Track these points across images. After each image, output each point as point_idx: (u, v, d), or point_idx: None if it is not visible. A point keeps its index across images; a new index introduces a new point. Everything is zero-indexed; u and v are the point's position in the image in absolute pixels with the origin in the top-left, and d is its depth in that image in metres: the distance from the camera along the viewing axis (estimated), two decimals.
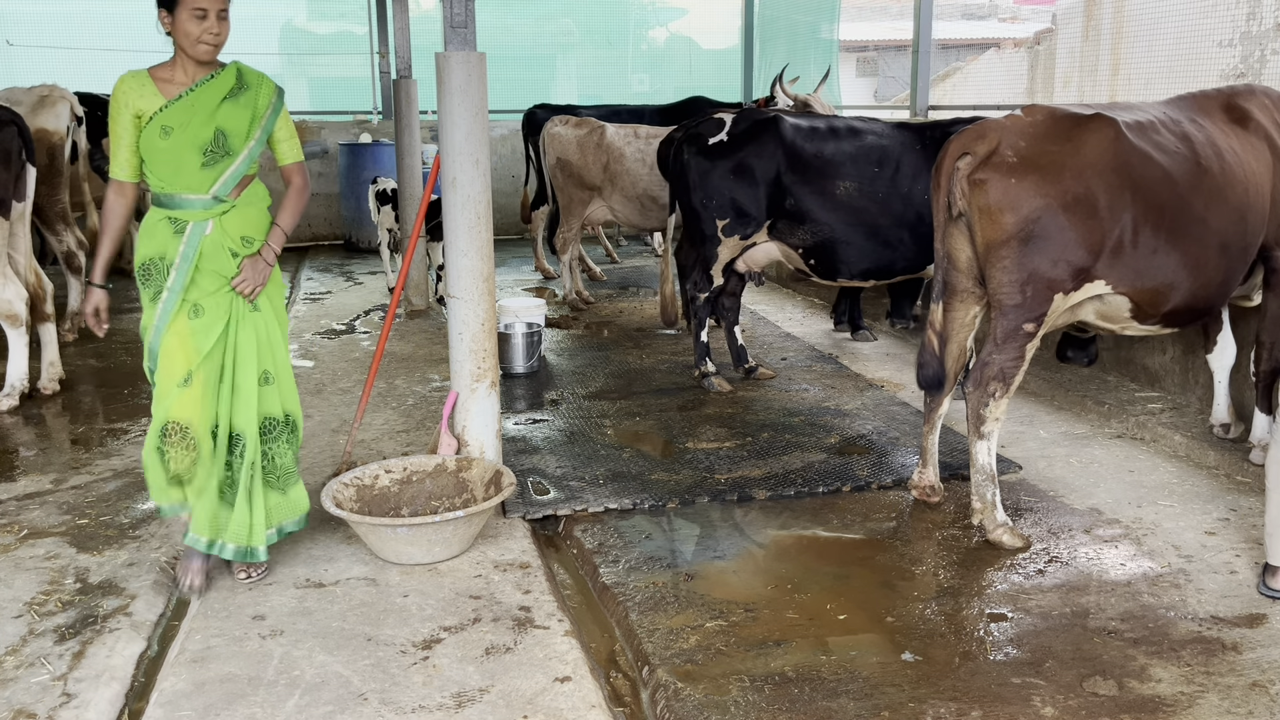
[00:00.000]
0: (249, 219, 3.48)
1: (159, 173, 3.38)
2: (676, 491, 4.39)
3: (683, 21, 15.17)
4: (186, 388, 3.41)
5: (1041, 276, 3.74)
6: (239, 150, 3.40)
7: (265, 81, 3.50)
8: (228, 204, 3.42)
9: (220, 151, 3.37)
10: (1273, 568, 3.47)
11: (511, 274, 9.73)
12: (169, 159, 3.34)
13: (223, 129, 3.37)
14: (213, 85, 3.39)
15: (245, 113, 3.41)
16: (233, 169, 3.40)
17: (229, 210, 3.42)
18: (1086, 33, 10.79)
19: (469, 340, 4.23)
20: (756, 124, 5.64)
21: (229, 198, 3.42)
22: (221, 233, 3.41)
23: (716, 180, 5.63)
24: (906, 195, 5.43)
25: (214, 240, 3.40)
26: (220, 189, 3.39)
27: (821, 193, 5.48)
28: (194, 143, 3.33)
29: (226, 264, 3.43)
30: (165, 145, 3.33)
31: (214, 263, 3.41)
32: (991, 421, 3.89)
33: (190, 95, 3.35)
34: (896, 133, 5.62)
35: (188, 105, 3.34)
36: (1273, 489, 3.43)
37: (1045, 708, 2.87)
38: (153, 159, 3.37)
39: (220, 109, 3.37)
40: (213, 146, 3.35)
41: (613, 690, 3.11)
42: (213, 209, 3.40)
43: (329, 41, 13.36)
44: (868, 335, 7.06)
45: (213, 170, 3.37)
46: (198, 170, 3.36)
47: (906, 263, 5.58)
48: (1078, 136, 3.77)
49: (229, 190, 3.42)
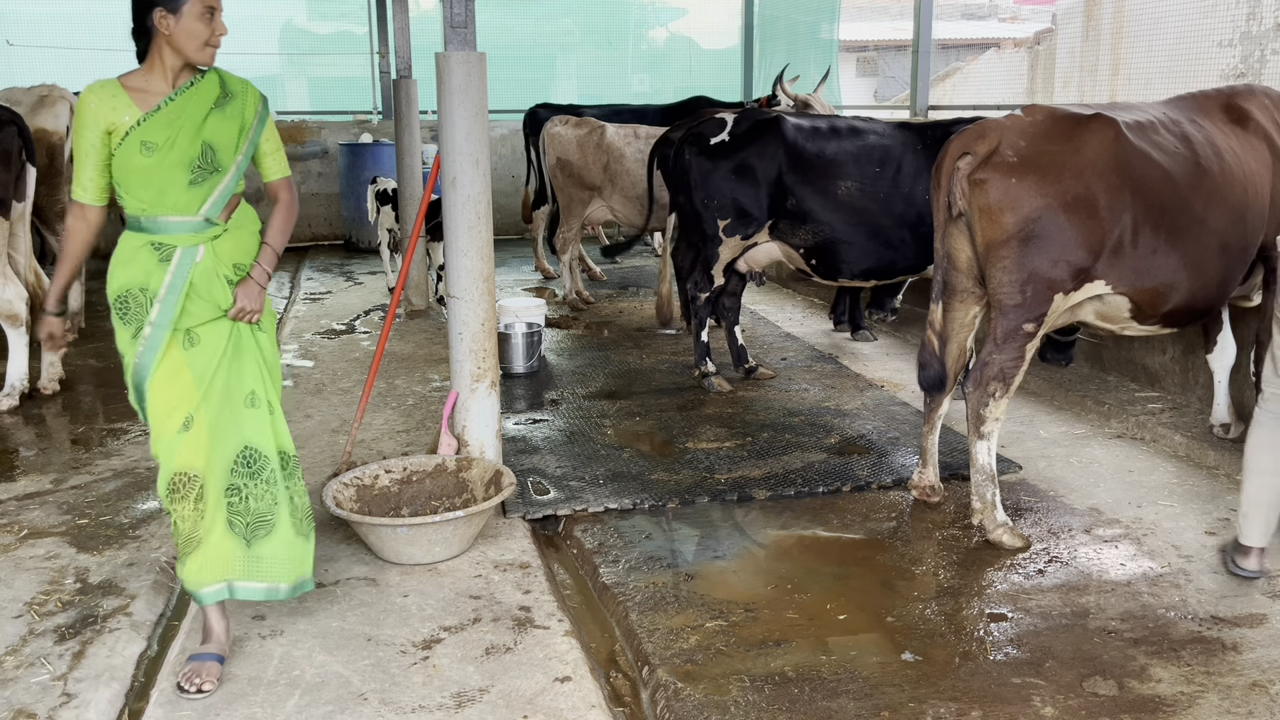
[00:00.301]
0: (242, 243, 3.12)
1: (139, 194, 2.98)
2: (676, 491, 4.39)
3: (683, 21, 15.17)
4: (187, 432, 3.03)
5: (1041, 276, 3.74)
6: (228, 165, 3.04)
7: (249, 89, 3.14)
8: (220, 227, 3.06)
9: (209, 168, 3.01)
10: (1244, 547, 3.58)
11: (511, 274, 9.73)
12: (151, 179, 2.96)
13: (210, 143, 3.00)
14: (196, 93, 3.00)
15: (233, 124, 3.05)
16: (222, 186, 3.04)
17: (221, 234, 3.06)
18: (1086, 33, 10.79)
19: (469, 340, 4.23)
20: (758, 124, 5.63)
21: (220, 220, 3.06)
22: (214, 259, 3.03)
23: (718, 180, 5.62)
24: (908, 195, 5.43)
25: (206, 268, 3.02)
26: (210, 209, 3.03)
27: (823, 193, 5.47)
28: (181, 159, 2.96)
29: (221, 293, 3.06)
30: (147, 164, 2.94)
31: (206, 292, 3.04)
32: (991, 421, 3.89)
33: (172, 105, 2.97)
34: (898, 133, 5.61)
35: (171, 117, 2.96)
36: (1250, 472, 3.55)
37: (1045, 708, 2.87)
38: (130, 179, 2.97)
39: (208, 121, 3.00)
40: (200, 162, 2.99)
41: (613, 690, 3.11)
42: (204, 232, 3.03)
43: (329, 41, 13.36)
44: (867, 335, 7.06)
45: (201, 189, 3.00)
46: (184, 189, 2.98)
47: (908, 263, 5.58)
48: (1078, 136, 3.77)
49: (219, 210, 3.05)
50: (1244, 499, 3.59)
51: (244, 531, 3.11)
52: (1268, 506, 3.54)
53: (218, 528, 3.07)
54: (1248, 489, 3.58)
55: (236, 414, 3.10)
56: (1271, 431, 3.54)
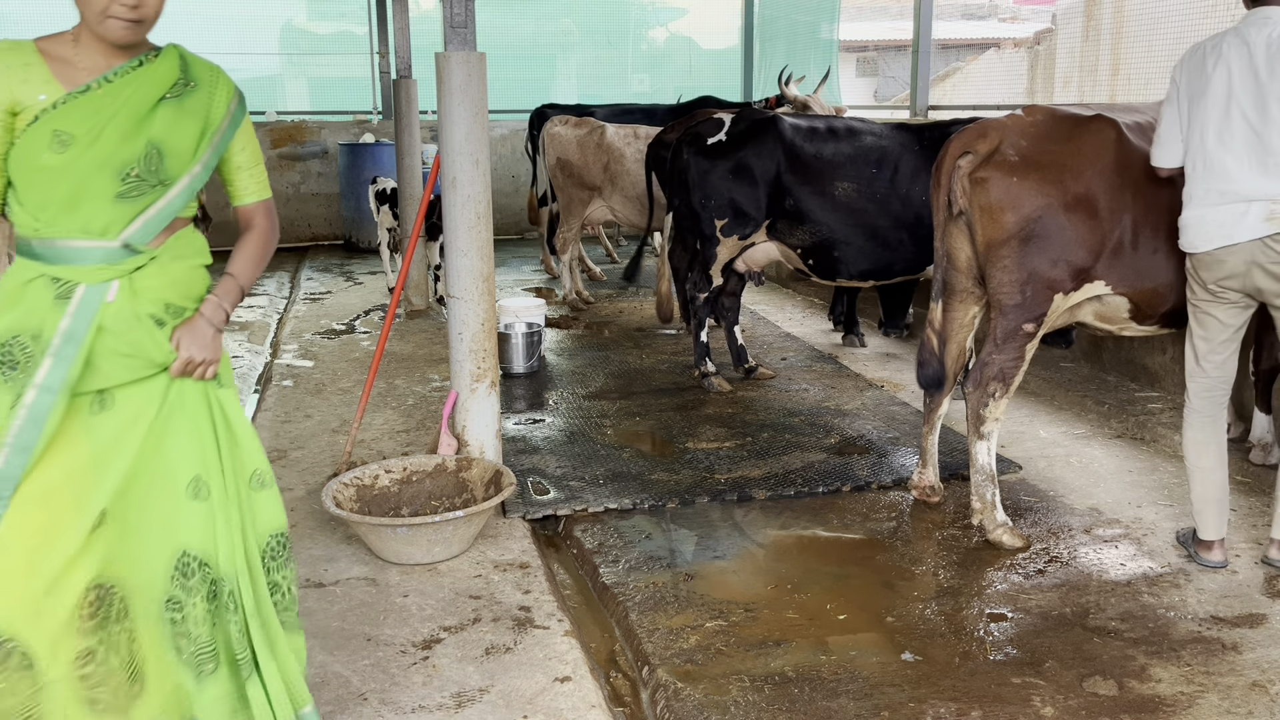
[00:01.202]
0: (176, 278, 2.28)
1: (38, 204, 2.17)
2: (676, 491, 4.39)
3: (683, 21, 15.17)
4: (97, 530, 2.16)
5: (1041, 276, 3.74)
6: (177, 177, 2.25)
7: (221, 78, 2.35)
8: (143, 255, 2.23)
9: (150, 178, 2.22)
10: (1206, 542, 3.68)
11: (511, 274, 9.73)
12: (60, 184, 2.16)
13: (158, 144, 2.22)
14: (143, 75, 2.22)
15: (193, 122, 2.27)
16: (162, 204, 2.24)
17: (145, 264, 2.23)
18: (1086, 33, 10.80)
19: (469, 340, 4.23)
20: (756, 124, 5.64)
21: (146, 246, 2.23)
22: (132, 298, 2.21)
23: (715, 180, 5.63)
24: (905, 196, 5.43)
25: (120, 310, 2.19)
26: (137, 234, 2.21)
27: (821, 193, 5.48)
28: (108, 161, 2.17)
29: (151, 342, 2.23)
30: (57, 163, 2.14)
31: (126, 342, 2.20)
32: (991, 421, 3.89)
33: (107, 87, 2.17)
34: (895, 133, 5.62)
35: (101, 102, 2.16)
36: (1194, 470, 3.66)
37: (1045, 708, 2.87)
38: (30, 181, 2.17)
39: (157, 113, 2.22)
40: (141, 170, 2.20)
41: (613, 690, 3.12)
42: (119, 263, 2.20)
43: (329, 41, 13.35)
44: (855, 341, 6.96)
45: (132, 205, 2.20)
46: (108, 204, 2.18)
47: (905, 264, 5.58)
48: (1079, 137, 3.77)
49: (150, 237, 2.24)
50: (1194, 497, 3.69)
51: (190, 660, 2.29)
52: (1217, 501, 3.65)
53: (157, 655, 2.25)
54: (1195, 487, 3.68)
55: (170, 507, 2.27)
56: (1202, 430, 3.64)
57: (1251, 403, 4.66)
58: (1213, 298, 3.48)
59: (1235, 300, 3.46)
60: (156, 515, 2.25)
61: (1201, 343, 3.58)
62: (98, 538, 2.16)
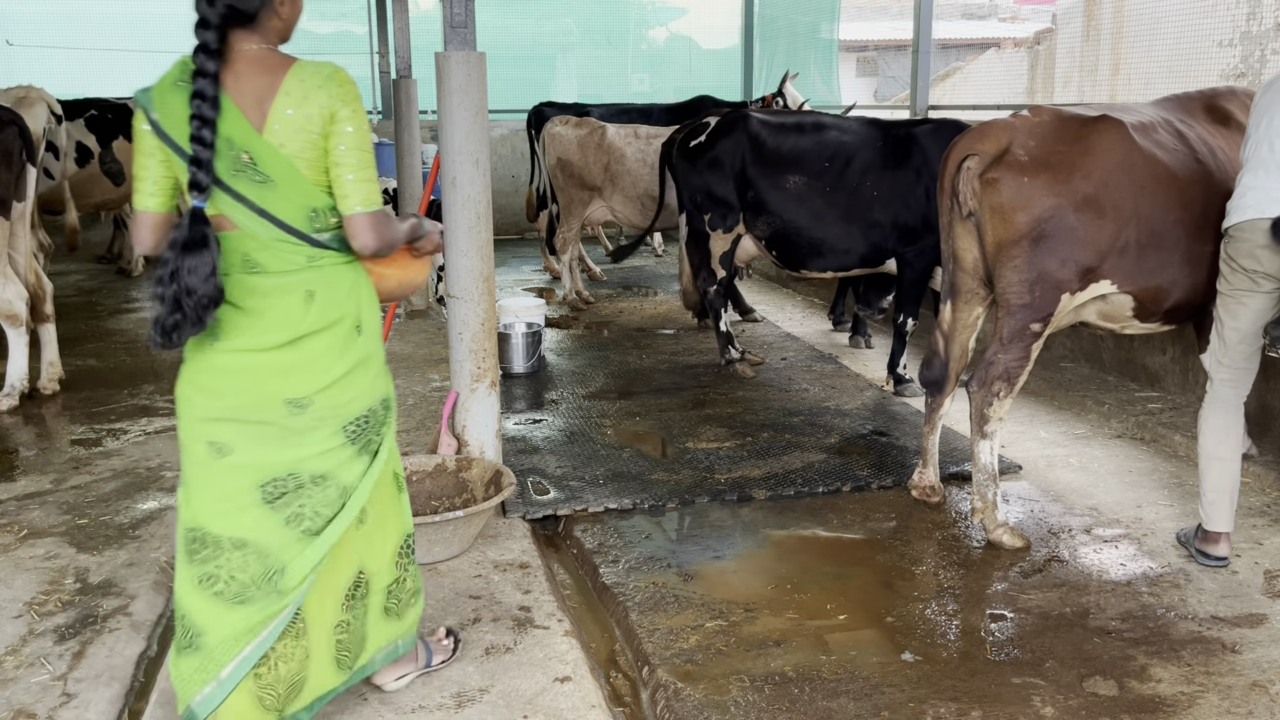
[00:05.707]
0: None
1: None
2: (676, 491, 4.39)
3: (683, 21, 15.18)
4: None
5: (1050, 276, 3.75)
6: None
7: None
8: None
9: None
10: (1214, 535, 3.66)
11: (511, 274, 9.73)
12: None
13: None
14: None
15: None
16: None
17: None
18: (1086, 33, 10.80)
19: (469, 340, 4.23)
20: (728, 122, 6.05)
21: None
22: None
23: (696, 179, 6.07)
24: (856, 189, 5.69)
25: None
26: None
27: (775, 185, 5.82)
28: None
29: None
30: None
31: None
32: (995, 421, 3.89)
33: None
34: (860, 129, 5.91)
35: None
36: (1209, 458, 3.64)
37: (1045, 708, 2.87)
38: None
39: None
40: None
41: (613, 690, 3.11)
42: None
43: (329, 41, 13.35)
44: (862, 343, 6.94)
45: None
46: None
47: (861, 257, 5.81)
48: (1086, 137, 3.78)
49: None
50: (1206, 486, 3.66)
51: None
52: (1230, 491, 3.63)
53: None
54: (1210, 476, 3.65)
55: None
56: (1225, 417, 3.64)
57: (1251, 402, 4.65)
58: (1253, 286, 3.49)
59: (1270, 290, 3.47)
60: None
61: (1232, 333, 3.59)
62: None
